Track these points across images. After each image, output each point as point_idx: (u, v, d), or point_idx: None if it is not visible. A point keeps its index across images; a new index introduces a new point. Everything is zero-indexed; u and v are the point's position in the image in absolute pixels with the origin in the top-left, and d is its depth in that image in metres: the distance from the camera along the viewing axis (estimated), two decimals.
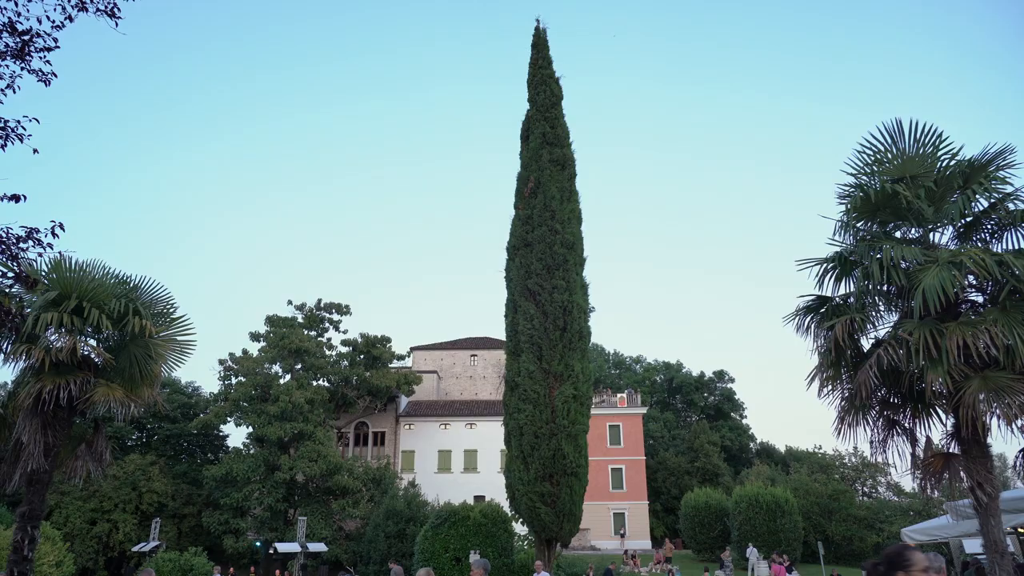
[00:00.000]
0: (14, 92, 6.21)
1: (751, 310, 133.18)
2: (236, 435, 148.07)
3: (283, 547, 29.66)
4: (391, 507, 32.11)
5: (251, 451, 39.44)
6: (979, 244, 9.32)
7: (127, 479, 37.28)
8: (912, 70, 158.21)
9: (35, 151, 6.09)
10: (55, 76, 6.31)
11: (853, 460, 53.20)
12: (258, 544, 35.29)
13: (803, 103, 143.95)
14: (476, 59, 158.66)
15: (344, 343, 44.54)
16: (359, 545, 34.51)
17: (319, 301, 44.71)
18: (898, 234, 9.88)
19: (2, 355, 9.57)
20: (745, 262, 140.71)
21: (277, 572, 32.13)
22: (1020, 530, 14.58)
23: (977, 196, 9.06)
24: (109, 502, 36.71)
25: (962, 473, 8.52)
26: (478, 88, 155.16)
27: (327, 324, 44.67)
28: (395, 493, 35.82)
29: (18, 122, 6.07)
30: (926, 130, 9.33)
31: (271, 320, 42.75)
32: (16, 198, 5.63)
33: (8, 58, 6.14)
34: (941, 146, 9.35)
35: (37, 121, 6.05)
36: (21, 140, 6.04)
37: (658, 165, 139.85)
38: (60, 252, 6.85)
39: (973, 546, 16.49)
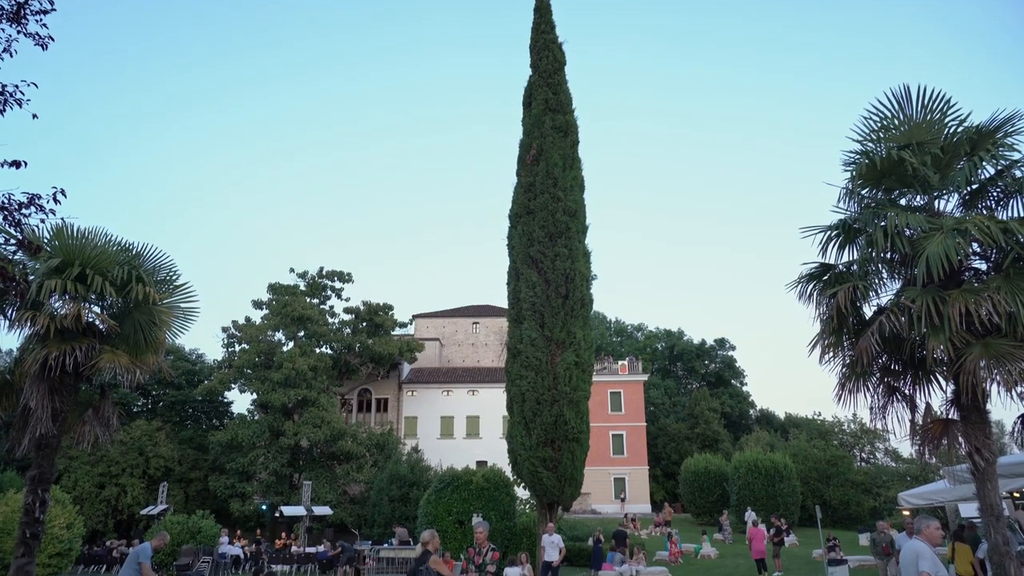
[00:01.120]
0: (11, 56, 6.13)
1: (753, 279, 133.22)
2: (240, 401, 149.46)
3: (289, 510, 30.17)
4: (395, 472, 32.54)
5: (255, 417, 39.86)
6: (984, 211, 9.28)
7: (134, 444, 37.77)
8: (921, 44, 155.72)
9: (34, 116, 6.04)
10: (52, 40, 6.23)
11: (852, 427, 53.76)
12: (264, 507, 35.88)
13: (809, 79, 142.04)
14: (477, 27, 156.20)
15: (346, 311, 44.71)
16: (363, 509, 35.08)
17: (321, 269, 44.78)
18: (903, 202, 9.83)
19: (7, 322, 9.62)
20: (747, 232, 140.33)
21: (283, 534, 32.71)
22: (1016, 495, 14.79)
23: (984, 163, 8.99)
24: (117, 467, 37.25)
25: (960, 439, 8.60)
26: (479, 57, 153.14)
27: (329, 292, 44.79)
28: (398, 458, 36.29)
29: (16, 87, 6.01)
30: (934, 96, 9.21)
31: (273, 288, 42.84)
32: (16, 164, 5.60)
33: (4, 21, 6.05)
34: (949, 112, 9.24)
35: (35, 86, 5.99)
36: (20, 105, 5.98)
37: (661, 136, 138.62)
38: (62, 219, 6.84)
39: (968, 510, 16.73)
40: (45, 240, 9.24)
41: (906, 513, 23.47)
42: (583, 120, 20.72)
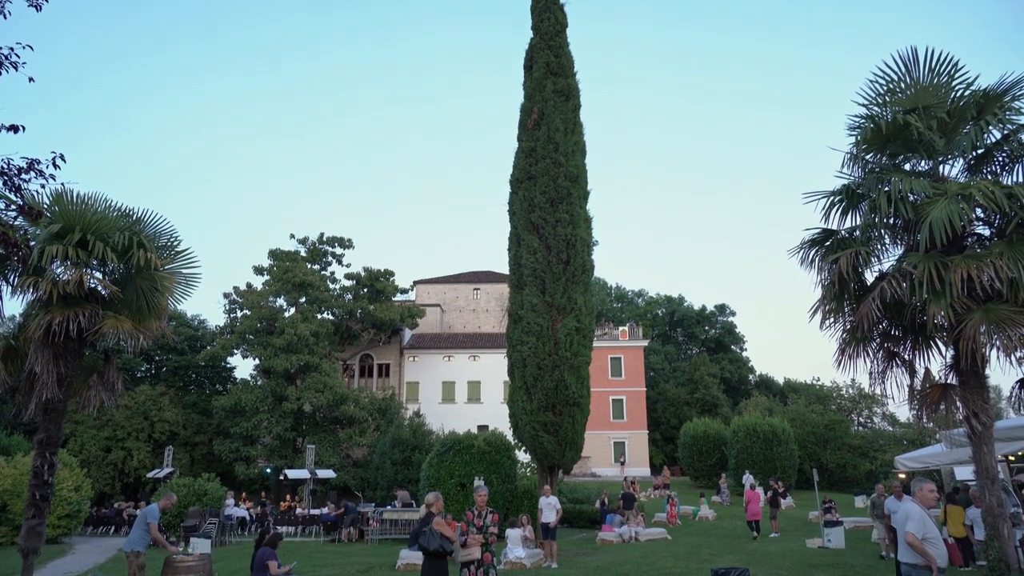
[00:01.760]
0: (4, 18, 6.02)
1: (754, 246, 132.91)
2: (243, 367, 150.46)
3: (293, 474, 30.60)
4: (397, 436, 32.89)
5: (258, 382, 40.16)
6: (989, 176, 9.21)
7: (138, 409, 38.14)
8: (930, 9, 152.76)
9: (31, 79, 5.96)
10: (46, 1, 6.11)
11: (850, 392, 54.12)
12: (268, 471, 36.37)
13: (813, 47, 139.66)
14: None
15: (348, 277, 44.73)
16: (366, 472, 35.56)
17: (321, 235, 44.65)
18: (907, 167, 9.76)
19: (9, 288, 9.63)
20: (749, 200, 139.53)
21: (288, 497, 33.23)
22: (1011, 458, 14.97)
23: (990, 127, 8.89)
24: (122, 431, 37.67)
25: (959, 403, 8.67)
26: (480, 20, 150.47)
27: (330, 258, 44.75)
28: (400, 423, 36.66)
29: (11, 49, 5.90)
30: (941, 59, 9.07)
31: (274, 254, 42.78)
32: (15, 128, 5.54)
33: None
34: (956, 76, 9.11)
35: (31, 48, 5.88)
36: (16, 68, 5.89)
37: (663, 103, 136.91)
38: (62, 184, 6.78)
39: (963, 473, 16.96)
40: (45, 206, 9.18)
41: (902, 476, 23.81)
42: (584, 86, 20.45)
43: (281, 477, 33.50)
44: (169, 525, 22.86)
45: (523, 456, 21.09)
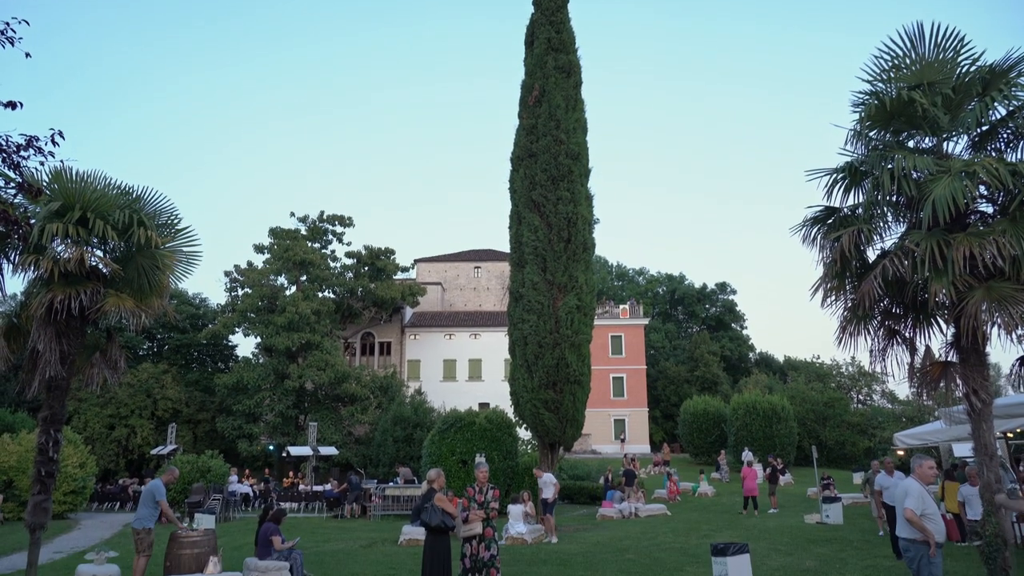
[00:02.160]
0: None
1: (755, 224, 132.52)
2: (245, 345, 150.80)
3: (295, 451, 30.84)
4: (398, 413, 33.08)
5: (260, 360, 40.32)
6: (993, 154, 9.13)
7: (141, 387, 38.33)
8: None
9: (27, 55, 5.89)
10: None
11: (850, 369, 54.34)
12: (271, 448, 36.65)
13: (815, 27, 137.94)
14: None
15: (348, 255, 44.67)
16: (368, 449, 35.82)
17: (322, 213, 44.52)
18: (911, 144, 9.67)
19: (10, 266, 9.61)
20: (750, 179, 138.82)
21: (291, 474, 33.51)
22: (1009, 435, 15.07)
23: (995, 103, 8.78)
24: (125, 408, 37.89)
25: (959, 380, 8.69)
26: None
27: (330, 236, 44.67)
28: (402, 400, 36.84)
29: (7, 24, 5.83)
30: (947, 34, 8.93)
31: (274, 232, 42.69)
32: (12, 105, 5.49)
33: None
34: (962, 51, 8.98)
35: (27, 23, 5.81)
36: (12, 43, 5.82)
37: (665, 82, 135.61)
38: (62, 161, 6.72)
39: (961, 450, 17.08)
40: (44, 183, 9.13)
41: (900, 453, 23.98)
42: (584, 63, 20.24)
43: (284, 454, 33.76)
44: (173, 501, 23.06)
45: (524, 433, 21.23)
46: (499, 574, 7.88)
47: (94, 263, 9.62)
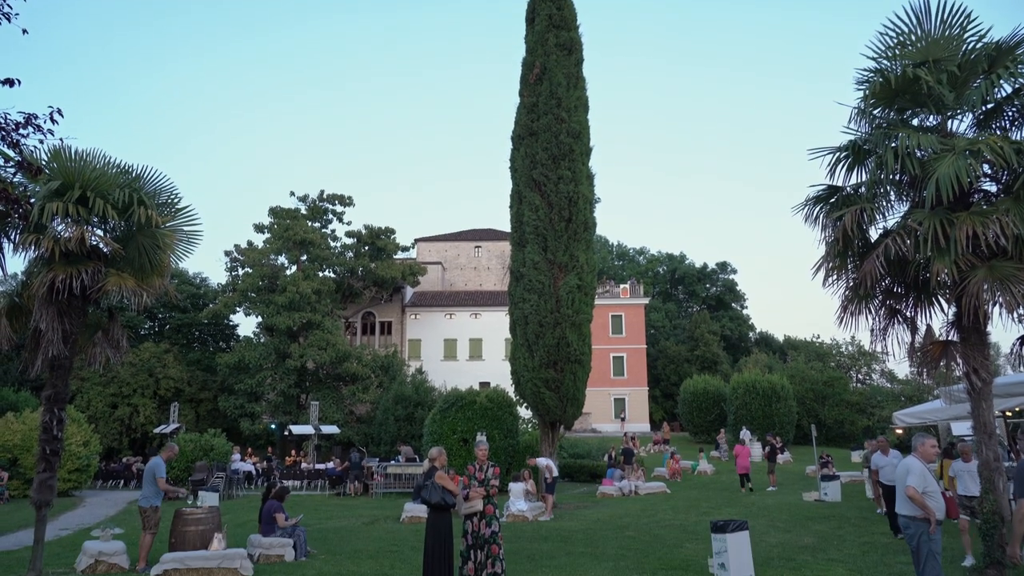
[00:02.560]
0: None
1: (756, 203, 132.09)
2: (246, 324, 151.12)
3: (297, 429, 31.04)
4: (399, 392, 33.24)
5: (261, 340, 40.43)
6: (998, 132, 9.07)
7: (143, 366, 38.48)
8: None
9: (24, 31, 5.82)
10: None
11: (849, 349, 54.50)
12: (273, 427, 36.88)
13: (818, 9, 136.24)
14: None
15: (348, 234, 44.60)
16: (370, 428, 36.04)
17: (322, 192, 44.39)
18: (915, 122, 9.60)
19: (11, 245, 9.60)
20: (752, 157, 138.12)
21: (293, 452, 33.76)
22: (1007, 414, 15.15)
23: (1001, 81, 8.71)
24: (128, 387, 38.08)
25: (959, 360, 8.71)
26: None
27: (330, 215, 44.55)
28: (403, 379, 36.99)
29: (4, 1, 5.75)
30: (954, 10, 8.82)
31: (274, 211, 42.58)
32: (10, 82, 5.44)
33: None
34: (969, 28, 8.88)
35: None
36: (8, 19, 5.75)
37: (667, 62, 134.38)
38: (61, 139, 6.66)
39: (960, 429, 17.19)
40: (43, 162, 9.09)
41: (899, 432, 24.12)
42: (585, 40, 20.01)
43: (286, 433, 33.99)
44: (177, 480, 23.28)
45: (524, 412, 21.33)
46: (500, 550, 7.95)
47: (95, 242, 9.61)
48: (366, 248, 44.26)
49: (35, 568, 9.14)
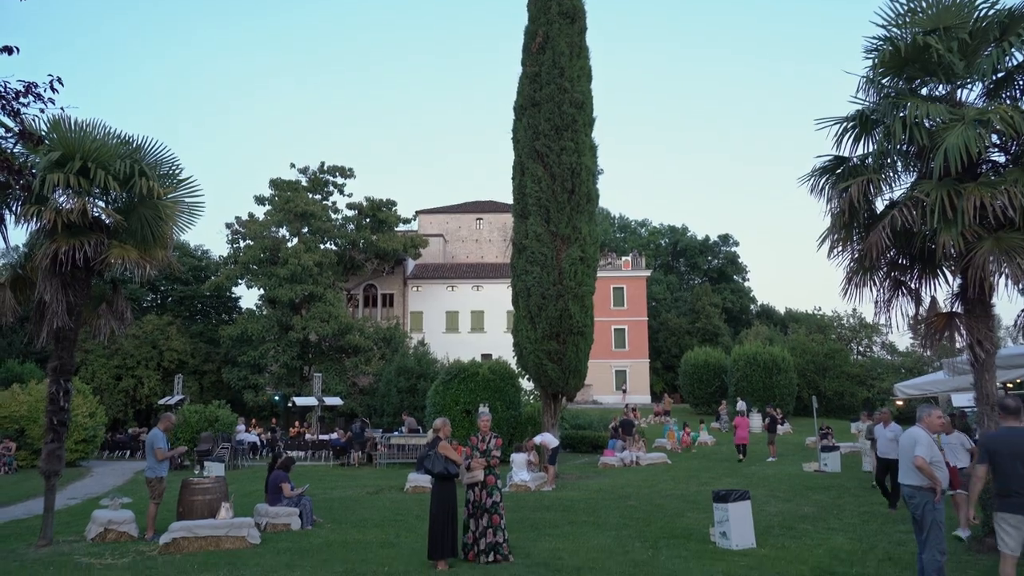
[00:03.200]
0: None
1: (759, 175, 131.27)
2: (248, 297, 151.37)
3: (301, 401, 31.26)
4: (402, 364, 33.39)
5: (264, 312, 40.50)
6: (1008, 101, 8.96)
7: (146, 338, 38.65)
8: None
9: None
10: None
11: (850, 321, 54.59)
12: (276, 398, 37.12)
13: None
14: None
15: (349, 207, 44.38)
16: (373, 399, 36.27)
17: (322, 164, 44.02)
18: (924, 91, 9.48)
19: (12, 216, 9.58)
20: (756, 129, 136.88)
21: (296, 423, 34.04)
22: (1009, 385, 15.19)
23: (1013, 49, 8.57)
24: (132, 359, 38.30)
25: (964, 331, 8.71)
26: None
27: (331, 187, 44.25)
28: (405, 351, 37.12)
29: None
30: None
31: (275, 183, 42.33)
32: (8, 50, 5.36)
33: None
34: None
35: None
36: None
37: (670, 33, 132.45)
38: (62, 108, 6.58)
39: (960, 400, 17.27)
40: (43, 132, 9.01)
41: (899, 403, 24.25)
42: (589, 7, 19.66)
43: (289, 404, 34.22)
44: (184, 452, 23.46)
45: (526, 384, 21.44)
46: (502, 520, 8.05)
47: (97, 214, 9.58)
48: (367, 220, 44.08)
49: (46, 536, 9.28)
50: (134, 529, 9.78)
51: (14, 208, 9.21)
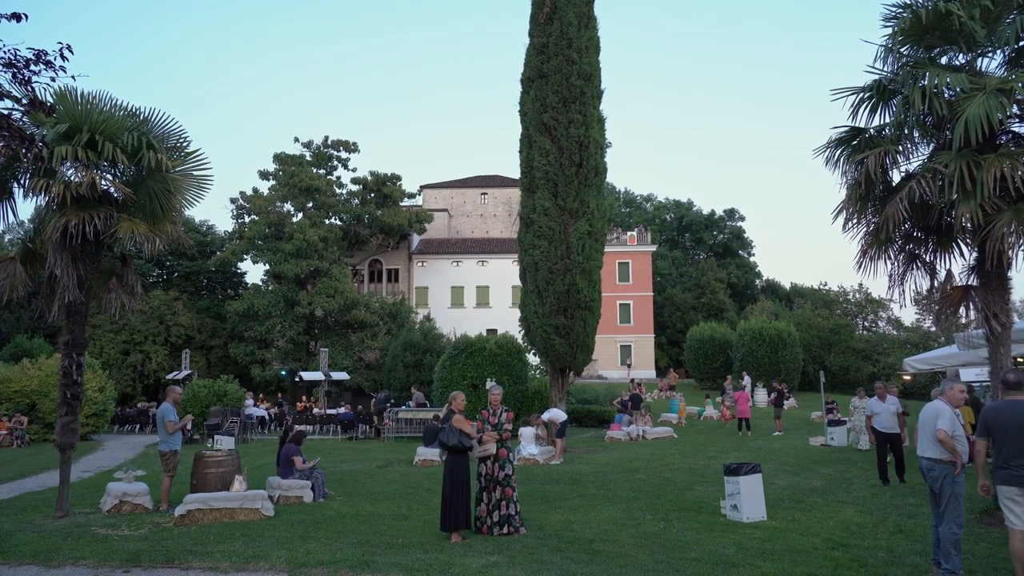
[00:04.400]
0: None
1: (765, 150, 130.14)
2: (254, 272, 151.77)
3: (308, 375, 31.43)
4: (408, 339, 33.48)
5: (270, 287, 40.56)
6: None
7: (153, 313, 38.80)
8: None
9: None
10: None
11: (856, 296, 54.41)
12: (283, 373, 37.32)
13: None
14: None
15: (354, 181, 44.21)
16: (379, 374, 36.44)
17: (326, 138, 43.79)
18: (943, 60, 9.31)
19: (21, 189, 9.53)
20: (761, 103, 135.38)
21: (304, 398, 34.26)
22: (1019, 360, 15.15)
23: None
24: (139, 334, 38.49)
25: (980, 304, 8.64)
26: None
27: (335, 162, 44.06)
28: (411, 327, 37.22)
29: None
30: None
31: (279, 158, 42.15)
32: (17, 17, 5.26)
33: None
34: None
35: None
36: None
37: (674, 5, 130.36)
38: (73, 76, 6.45)
39: (968, 375, 17.24)
40: (50, 104, 8.91)
41: (907, 378, 24.23)
42: None
43: (296, 379, 34.41)
44: (194, 426, 23.65)
45: (533, 359, 21.48)
46: (515, 492, 8.09)
47: (106, 187, 9.51)
48: (372, 195, 43.93)
49: (62, 508, 9.37)
50: (148, 501, 9.87)
51: (23, 181, 9.15)
